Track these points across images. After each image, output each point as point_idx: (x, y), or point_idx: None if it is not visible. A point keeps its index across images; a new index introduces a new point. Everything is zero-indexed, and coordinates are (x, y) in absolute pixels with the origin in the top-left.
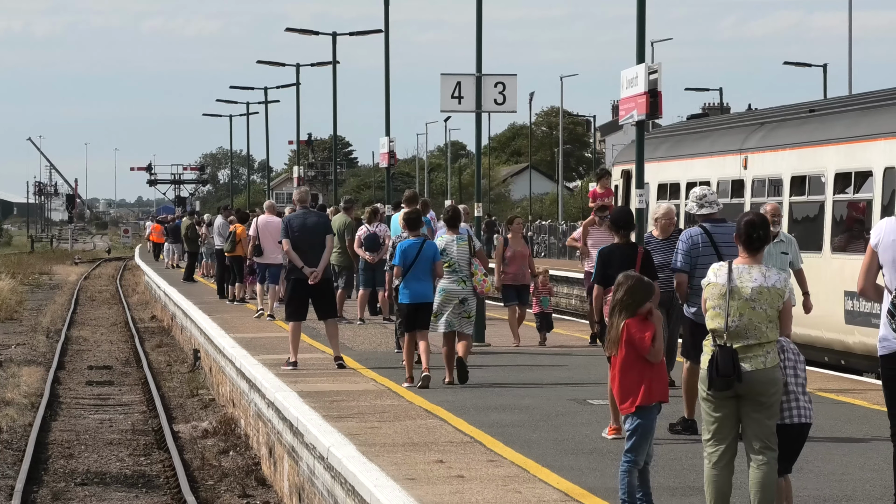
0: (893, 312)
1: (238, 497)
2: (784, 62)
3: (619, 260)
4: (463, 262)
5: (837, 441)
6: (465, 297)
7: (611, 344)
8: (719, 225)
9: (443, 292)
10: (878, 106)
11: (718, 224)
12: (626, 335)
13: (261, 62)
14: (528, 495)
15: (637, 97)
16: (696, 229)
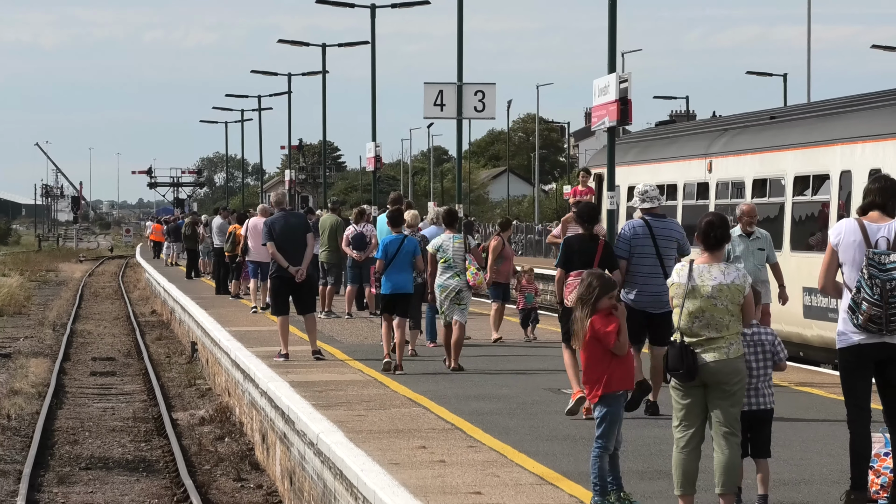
0: (854, 309)
1: (233, 481)
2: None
3: (581, 249)
4: (458, 258)
5: (797, 428)
6: (459, 289)
7: (576, 338)
8: (658, 219)
9: (440, 288)
10: (834, 113)
11: (658, 218)
12: (591, 332)
13: (255, 72)
14: (506, 479)
15: (608, 105)
16: (638, 221)
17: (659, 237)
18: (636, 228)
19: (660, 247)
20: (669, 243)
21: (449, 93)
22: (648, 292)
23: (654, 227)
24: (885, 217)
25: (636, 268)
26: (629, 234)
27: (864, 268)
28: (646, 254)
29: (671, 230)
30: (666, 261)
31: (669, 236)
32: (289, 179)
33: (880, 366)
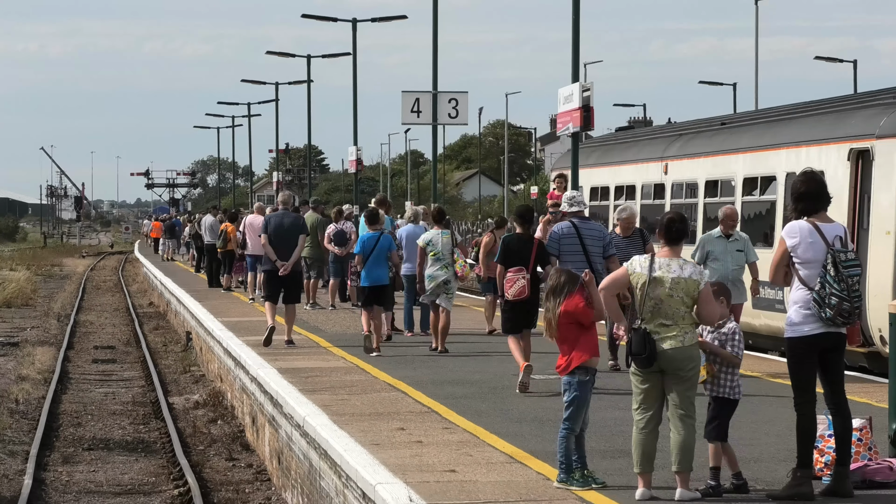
0: (821, 304)
1: (225, 460)
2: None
3: (518, 247)
4: (446, 251)
5: (746, 410)
6: (447, 280)
7: (548, 326)
8: (584, 221)
9: (430, 278)
10: (781, 119)
11: (584, 220)
12: (564, 317)
13: (245, 81)
14: (479, 458)
15: (572, 112)
16: (566, 223)
17: (585, 237)
18: (564, 229)
19: (586, 245)
20: (595, 242)
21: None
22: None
23: (580, 228)
24: (828, 217)
25: (565, 264)
26: (558, 235)
27: (829, 266)
28: (574, 251)
29: (596, 230)
30: (592, 257)
31: (594, 236)
32: (276, 181)
33: (825, 353)
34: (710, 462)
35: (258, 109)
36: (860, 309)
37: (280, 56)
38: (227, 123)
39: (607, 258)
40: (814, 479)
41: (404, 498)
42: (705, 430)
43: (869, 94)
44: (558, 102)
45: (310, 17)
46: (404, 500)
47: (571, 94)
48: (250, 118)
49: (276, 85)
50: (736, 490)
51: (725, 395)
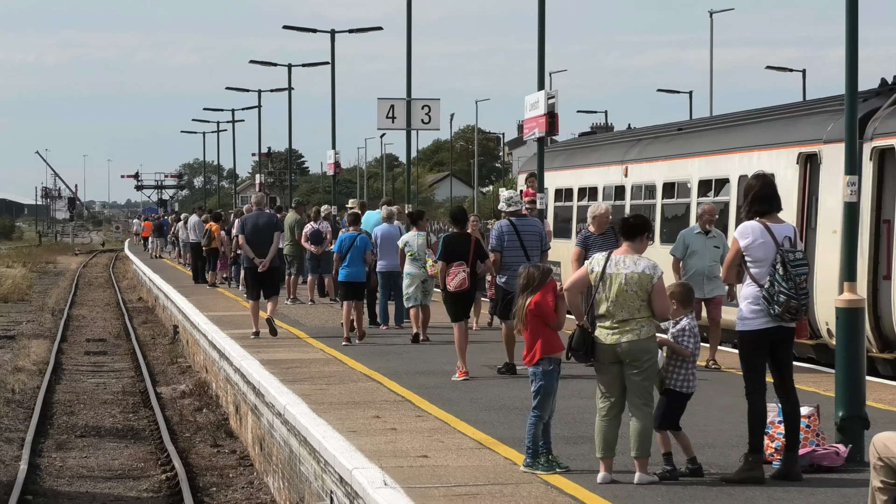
0: (770, 300)
1: (210, 446)
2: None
3: (457, 245)
4: (422, 251)
5: (701, 399)
6: (425, 279)
7: (519, 321)
8: (522, 219)
9: (408, 276)
10: (734, 125)
11: (521, 218)
12: (531, 311)
13: (229, 88)
14: (450, 444)
15: (538, 118)
16: (505, 221)
17: (523, 233)
18: (503, 227)
19: (524, 241)
20: (532, 237)
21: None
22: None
23: (517, 225)
24: (778, 218)
25: (507, 258)
26: (498, 232)
27: (778, 265)
28: (513, 247)
29: (533, 227)
30: (530, 251)
31: (531, 232)
32: (259, 182)
33: (774, 346)
34: (661, 448)
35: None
36: (807, 305)
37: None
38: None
39: (543, 252)
40: (764, 464)
41: (379, 482)
42: (654, 419)
43: (817, 102)
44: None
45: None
46: (379, 483)
47: (537, 101)
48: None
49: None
50: (691, 474)
51: (677, 388)
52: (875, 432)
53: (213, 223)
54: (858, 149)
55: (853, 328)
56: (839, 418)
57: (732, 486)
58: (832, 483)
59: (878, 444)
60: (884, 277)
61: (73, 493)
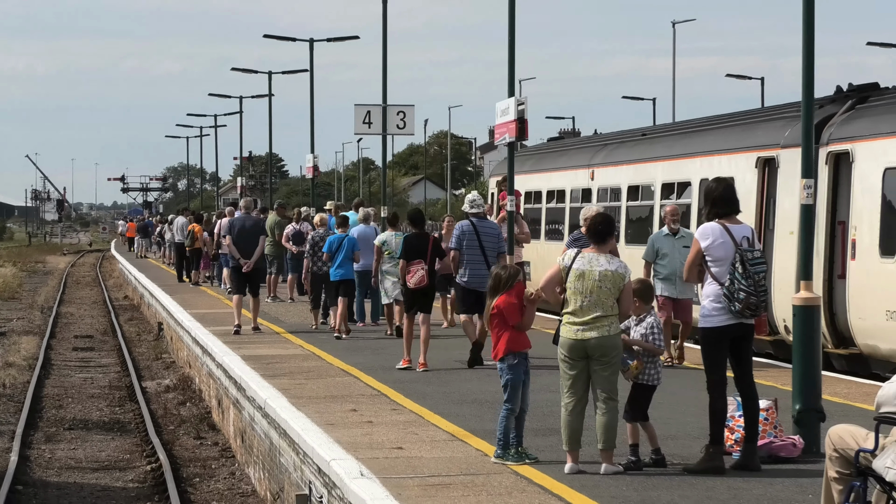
0: (730, 298)
1: (193, 439)
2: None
3: (417, 244)
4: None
5: (665, 393)
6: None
7: (485, 317)
8: (482, 220)
9: (385, 273)
10: (695, 131)
11: (481, 220)
12: (494, 312)
13: (212, 95)
14: (423, 436)
15: (508, 123)
16: (466, 222)
17: (482, 234)
18: (464, 227)
19: (482, 241)
20: (490, 238)
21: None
22: (475, 276)
23: (478, 226)
24: (737, 219)
25: (466, 257)
26: (459, 232)
27: (737, 264)
28: (473, 247)
29: (491, 229)
30: (488, 251)
31: (490, 234)
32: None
33: (735, 342)
34: (629, 440)
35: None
36: (766, 302)
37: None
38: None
39: (500, 254)
40: (725, 455)
41: (356, 472)
42: (624, 411)
43: (774, 109)
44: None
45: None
46: (356, 474)
47: (508, 107)
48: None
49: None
50: (655, 464)
51: (644, 381)
52: (830, 425)
53: (195, 224)
54: (814, 153)
55: (809, 325)
56: (796, 411)
57: (694, 475)
58: (789, 473)
59: (834, 436)
60: (838, 276)
61: (61, 483)
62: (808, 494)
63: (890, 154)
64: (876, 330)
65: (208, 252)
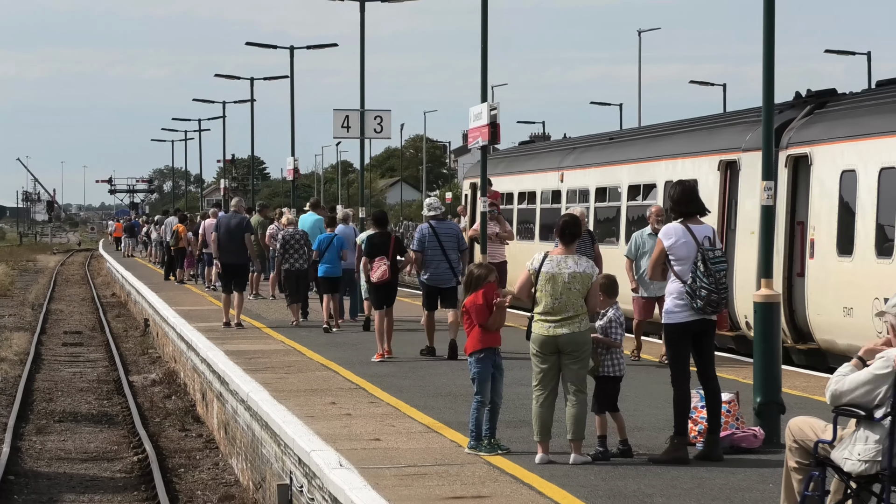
0: (692, 295)
1: (179, 431)
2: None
3: (379, 242)
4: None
5: (631, 386)
6: None
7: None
8: (440, 222)
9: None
10: (660, 135)
11: (440, 222)
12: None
13: (196, 100)
14: (400, 428)
15: (481, 128)
16: (425, 225)
17: (441, 235)
18: (423, 230)
19: (442, 242)
20: (449, 239)
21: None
22: (436, 274)
23: (436, 228)
24: (699, 220)
25: (428, 258)
26: (419, 235)
27: (699, 263)
28: (433, 248)
29: (451, 230)
30: (448, 252)
31: (449, 234)
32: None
33: (697, 337)
34: (597, 431)
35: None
36: (727, 299)
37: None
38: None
39: (461, 252)
40: (689, 445)
41: (335, 463)
42: (592, 404)
43: (736, 114)
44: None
45: (253, 44)
46: (335, 465)
47: (480, 112)
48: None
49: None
50: (622, 454)
51: (608, 373)
52: (790, 417)
53: (179, 224)
54: (774, 156)
55: (769, 321)
56: (757, 404)
57: (659, 465)
58: (751, 463)
59: (794, 428)
60: (797, 274)
61: (52, 473)
62: (769, 483)
63: (847, 157)
64: (833, 326)
65: (192, 251)
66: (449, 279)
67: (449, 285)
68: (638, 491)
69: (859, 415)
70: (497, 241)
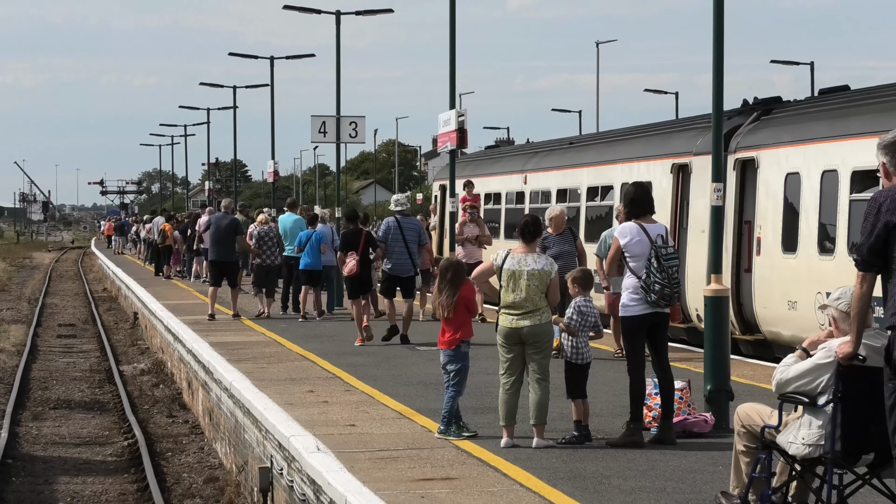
0: (647, 290)
1: (166, 417)
2: (552, 109)
3: (352, 238)
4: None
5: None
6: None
7: (441, 308)
8: (405, 217)
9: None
10: (617, 140)
11: (405, 217)
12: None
13: (182, 107)
14: (374, 414)
15: (450, 133)
16: (391, 219)
17: (405, 229)
18: (389, 223)
19: (405, 235)
20: (412, 233)
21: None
22: (398, 264)
23: (401, 222)
24: (652, 219)
25: (391, 249)
26: (385, 227)
27: (653, 259)
28: (397, 240)
29: (414, 225)
30: (410, 245)
31: (412, 229)
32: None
33: (652, 329)
34: (573, 416)
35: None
36: (679, 293)
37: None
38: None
39: (420, 246)
40: (644, 430)
41: (313, 447)
42: (567, 391)
43: (688, 120)
44: (438, 125)
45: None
46: (313, 449)
47: (449, 118)
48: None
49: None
50: (583, 439)
51: (572, 360)
52: (738, 403)
53: (166, 224)
54: (724, 160)
55: (719, 314)
56: (707, 391)
57: (617, 449)
58: (701, 447)
59: (742, 414)
60: (745, 270)
61: (47, 457)
62: (719, 466)
63: (791, 161)
64: (778, 318)
65: (178, 249)
66: (409, 269)
67: (408, 275)
68: (596, 472)
69: (803, 402)
70: (476, 243)
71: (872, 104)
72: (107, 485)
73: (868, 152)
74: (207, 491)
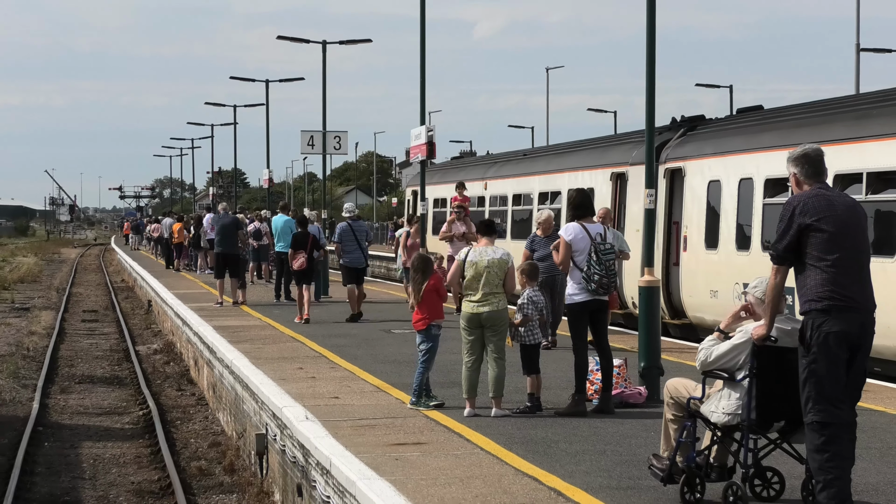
0: (588, 280)
1: (176, 390)
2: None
3: (301, 239)
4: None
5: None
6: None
7: (414, 294)
8: (356, 221)
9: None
10: (564, 152)
11: (356, 221)
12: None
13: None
14: (355, 388)
15: (421, 146)
16: (344, 223)
17: (356, 230)
18: (343, 227)
19: (357, 235)
20: (362, 234)
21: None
22: (352, 259)
23: (353, 226)
24: (591, 219)
25: (345, 247)
26: (340, 230)
27: (593, 254)
28: (350, 240)
29: (363, 227)
30: (361, 243)
31: (361, 230)
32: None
33: (593, 314)
34: (528, 389)
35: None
36: (616, 283)
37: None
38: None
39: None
40: (587, 401)
41: (302, 416)
42: (522, 368)
43: (625, 135)
44: (411, 139)
45: (236, 78)
46: (302, 417)
47: (420, 133)
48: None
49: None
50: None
51: (526, 341)
52: (668, 378)
53: (176, 224)
54: (655, 169)
55: (651, 301)
56: (641, 368)
57: (563, 418)
58: (636, 416)
59: (670, 387)
60: (673, 264)
61: (73, 425)
62: (651, 432)
63: (713, 170)
64: (702, 305)
65: (187, 245)
66: (361, 262)
67: (361, 266)
68: (546, 438)
69: (724, 377)
70: (464, 240)
71: (783, 121)
72: (124, 448)
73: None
74: (211, 454)
